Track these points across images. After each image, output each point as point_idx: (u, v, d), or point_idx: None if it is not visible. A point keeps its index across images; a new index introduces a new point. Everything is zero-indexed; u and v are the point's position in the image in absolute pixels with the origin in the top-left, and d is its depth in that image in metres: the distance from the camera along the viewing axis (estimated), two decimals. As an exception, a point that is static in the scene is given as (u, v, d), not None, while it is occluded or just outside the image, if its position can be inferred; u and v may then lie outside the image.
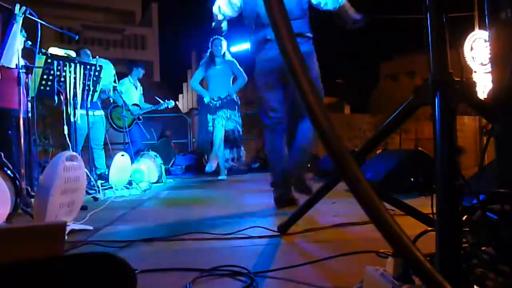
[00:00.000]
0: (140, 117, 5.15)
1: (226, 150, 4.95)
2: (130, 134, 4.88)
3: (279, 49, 0.85)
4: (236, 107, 4.88)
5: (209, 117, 4.79)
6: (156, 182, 4.56)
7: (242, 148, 5.10)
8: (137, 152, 4.70)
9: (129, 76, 5.31)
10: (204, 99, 4.82)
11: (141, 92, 5.40)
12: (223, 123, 4.75)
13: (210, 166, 4.78)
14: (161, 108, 5.36)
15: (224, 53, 4.80)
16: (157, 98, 5.37)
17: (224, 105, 4.79)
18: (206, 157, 5.19)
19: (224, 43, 4.77)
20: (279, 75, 2.49)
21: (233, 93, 4.83)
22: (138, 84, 5.37)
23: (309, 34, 2.57)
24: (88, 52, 4.46)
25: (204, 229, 1.84)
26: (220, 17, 2.74)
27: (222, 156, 4.92)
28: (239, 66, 4.85)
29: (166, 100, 5.35)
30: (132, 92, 5.22)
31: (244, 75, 4.88)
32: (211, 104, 4.76)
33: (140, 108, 5.17)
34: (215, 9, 2.75)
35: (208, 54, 4.83)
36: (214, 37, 4.76)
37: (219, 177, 4.96)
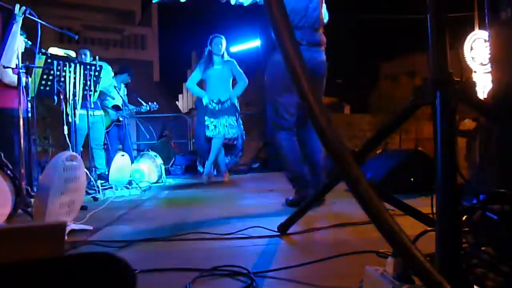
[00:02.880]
0: (120, 119, 5.01)
1: (226, 156, 4.68)
2: (108, 137, 4.82)
3: (279, 47, 0.85)
4: (237, 114, 4.53)
5: (208, 120, 4.43)
6: (156, 182, 4.56)
7: (240, 153, 4.87)
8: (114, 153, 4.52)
9: (114, 77, 5.23)
10: (203, 100, 4.47)
11: (125, 93, 5.32)
12: (225, 133, 4.40)
13: (203, 178, 4.46)
14: (143, 110, 5.27)
15: (223, 52, 4.49)
16: (140, 100, 5.30)
17: (225, 111, 4.44)
18: (200, 160, 4.93)
19: (224, 42, 4.47)
20: None
21: (234, 98, 4.52)
22: (122, 86, 5.29)
23: (325, 43, 2.70)
24: (87, 52, 4.44)
25: (204, 229, 1.84)
26: (232, 1, 2.73)
27: (222, 160, 4.66)
28: (238, 67, 4.57)
29: (149, 103, 5.26)
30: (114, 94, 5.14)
31: (245, 77, 4.60)
32: (210, 106, 4.45)
33: (120, 110, 4.99)
34: None
35: (206, 53, 4.49)
36: (213, 35, 4.48)
37: (218, 179, 4.68)
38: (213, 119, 4.43)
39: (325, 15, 2.82)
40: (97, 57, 4.12)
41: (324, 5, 2.81)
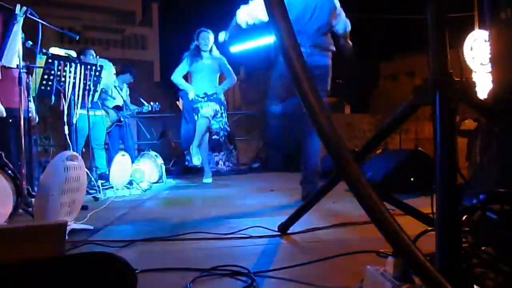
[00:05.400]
0: (122, 119, 4.96)
1: (210, 153, 4.56)
2: (109, 137, 4.80)
3: (281, 53, 0.86)
4: (222, 107, 4.41)
5: (197, 103, 4.30)
6: (157, 182, 4.56)
7: (233, 150, 4.70)
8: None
9: (116, 77, 5.20)
10: (188, 94, 4.31)
11: (127, 93, 5.31)
12: (210, 114, 4.27)
13: (193, 161, 4.25)
14: (145, 110, 5.25)
15: (211, 47, 4.35)
16: (142, 100, 5.28)
17: (211, 101, 4.32)
18: (187, 153, 4.73)
19: (212, 36, 4.35)
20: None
21: (220, 93, 4.38)
22: (124, 86, 5.28)
23: (332, 48, 2.84)
24: (93, 53, 4.42)
25: (204, 229, 1.84)
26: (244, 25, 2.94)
27: (205, 159, 4.53)
28: (228, 64, 4.46)
29: (151, 103, 5.24)
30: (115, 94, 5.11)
31: (233, 74, 4.52)
32: (195, 100, 4.31)
33: (121, 110, 4.96)
34: (243, 19, 2.92)
35: (193, 47, 4.37)
36: (200, 29, 4.39)
37: (204, 180, 4.46)
38: (202, 103, 4.32)
39: (343, 24, 2.94)
40: (97, 57, 4.12)
41: (343, 14, 2.94)
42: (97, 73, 3.41)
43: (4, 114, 2.89)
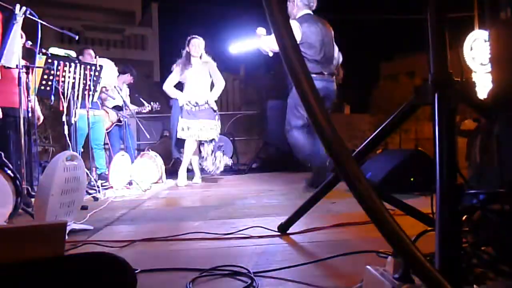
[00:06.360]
0: (121, 120, 4.96)
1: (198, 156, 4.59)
2: (109, 137, 4.80)
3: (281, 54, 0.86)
4: (216, 117, 4.46)
5: (181, 121, 4.33)
6: (157, 182, 4.56)
7: (221, 154, 4.67)
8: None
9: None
10: (179, 101, 4.41)
11: (127, 94, 5.30)
12: (199, 135, 4.31)
13: (179, 182, 4.34)
14: (145, 110, 5.24)
15: (202, 54, 4.41)
16: (142, 100, 5.27)
17: (200, 114, 4.34)
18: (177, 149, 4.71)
19: (202, 43, 4.40)
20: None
21: (212, 101, 4.42)
22: (124, 86, 5.27)
23: (336, 74, 3.57)
24: (91, 53, 4.42)
25: (204, 229, 1.84)
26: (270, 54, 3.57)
27: (196, 162, 4.57)
28: (217, 69, 4.46)
29: (151, 103, 5.24)
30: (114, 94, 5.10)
31: (222, 79, 4.52)
32: (186, 108, 4.35)
33: (121, 110, 4.94)
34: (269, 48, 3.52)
35: (184, 54, 4.43)
36: (191, 36, 4.43)
37: (193, 181, 4.52)
38: (187, 119, 4.32)
39: (337, 55, 3.69)
40: (96, 57, 4.12)
41: (336, 47, 3.62)
42: (97, 73, 3.41)
43: (0, 115, 2.89)
